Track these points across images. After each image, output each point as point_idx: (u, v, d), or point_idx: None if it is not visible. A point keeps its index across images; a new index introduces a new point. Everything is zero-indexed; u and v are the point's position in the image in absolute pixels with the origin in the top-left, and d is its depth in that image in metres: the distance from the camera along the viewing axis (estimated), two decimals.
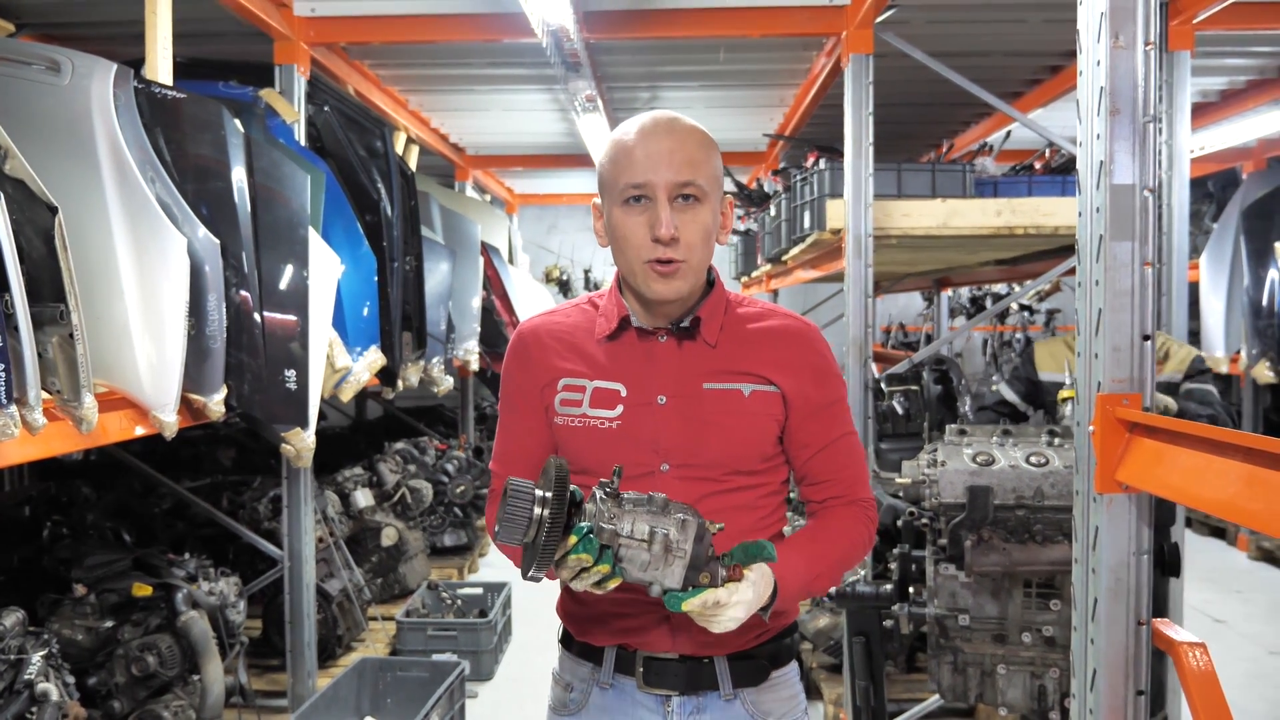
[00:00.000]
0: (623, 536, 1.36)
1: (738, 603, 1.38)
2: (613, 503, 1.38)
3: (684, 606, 1.37)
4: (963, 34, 4.28)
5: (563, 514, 1.34)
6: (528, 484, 1.36)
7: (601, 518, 1.36)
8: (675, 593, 1.37)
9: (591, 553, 1.35)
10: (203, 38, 4.24)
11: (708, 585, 1.38)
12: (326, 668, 4.38)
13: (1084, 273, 1.75)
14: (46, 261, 2.15)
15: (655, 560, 1.36)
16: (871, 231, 3.93)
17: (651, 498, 1.39)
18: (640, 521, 1.37)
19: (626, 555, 1.37)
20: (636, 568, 1.37)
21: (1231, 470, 1.40)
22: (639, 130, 1.53)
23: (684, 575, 1.36)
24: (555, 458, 1.38)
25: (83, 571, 3.24)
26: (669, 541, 1.36)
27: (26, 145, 2.53)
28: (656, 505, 1.38)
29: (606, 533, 1.35)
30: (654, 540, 1.36)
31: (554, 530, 1.33)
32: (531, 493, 1.35)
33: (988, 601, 2.64)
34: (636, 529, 1.36)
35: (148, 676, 3.17)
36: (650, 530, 1.36)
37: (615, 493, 1.38)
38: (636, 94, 5.61)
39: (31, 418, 2.08)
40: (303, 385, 3.00)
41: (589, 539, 1.36)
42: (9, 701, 2.52)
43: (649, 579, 1.38)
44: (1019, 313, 8.85)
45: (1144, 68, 1.65)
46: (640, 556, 1.37)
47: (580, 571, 1.36)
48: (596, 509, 1.37)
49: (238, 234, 2.89)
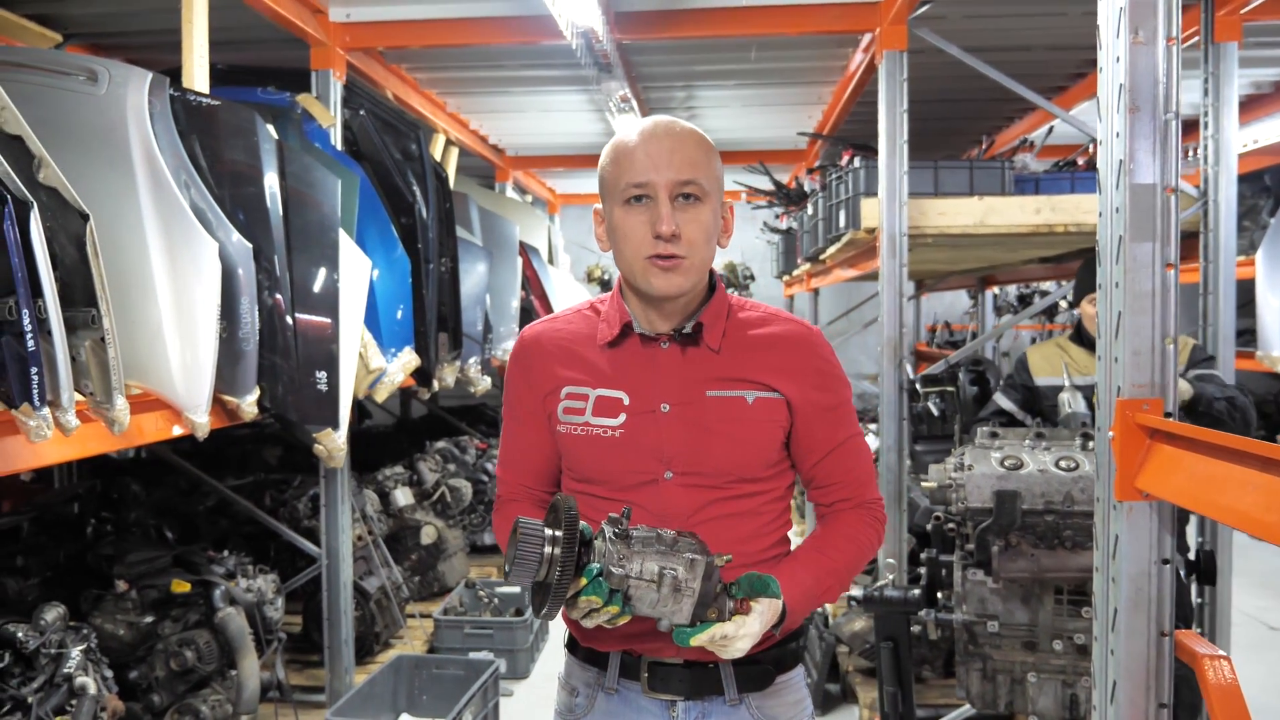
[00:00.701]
0: (632, 578, 1.37)
1: (745, 635, 1.40)
2: (622, 544, 1.38)
3: (692, 642, 1.39)
4: (1001, 28, 4.20)
5: (573, 556, 1.35)
6: (538, 524, 1.36)
7: (611, 559, 1.37)
8: (684, 628, 1.38)
9: (601, 595, 1.36)
10: (243, 44, 4.32)
11: (715, 620, 1.39)
12: (364, 664, 4.45)
13: (1104, 275, 1.71)
14: (79, 267, 2.20)
15: (664, 599, 1.38)
16: (906, 230, 3.89)
17: (660, 535, 1.40)
18: (649, 561, 1.38)
19: (636, 595, 1.38)
20: (646, 605, 1.39)
21: (1252, 480, 1.36)
22: (639, 132, 1.54)
23: (692, 612, 1.38)
24: (563, 496, 1.39)
25: (124, 568, 3.31)
26: (678, 582, 1.37)
27: (66, 153, 2.60)
28: (665, 543, 1.39)
29: (616, 577, 1.37)
30: (663, 582, 1.37)
31: (565, 573, 1.34)
32: (542, 533, 1.36)
33: (1018, 608, 2.59)
34: (645, 569, 1.37)
35: (186, 671, 3.24)
36: (659, 571, 1.37)
37: (625, 533, 1.40)
38: (672, 94, 5.60)
39: (65, 419, 2.14)
40: (333, 386, 3.04)
41: (599, 581, 1.37)
42: (49, 694, 2.59)
43: (658, 614, 1.40)
44: (1068, 310, 8.67)
45: (1165, 64, 1.61)
46: (649, 595, 1.38)
47: (590, 612, 1.37)
48: (606, 549, 1.38)
49: (270, 238, 2.93)
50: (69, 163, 2.59)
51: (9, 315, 1.98)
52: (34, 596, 3.22)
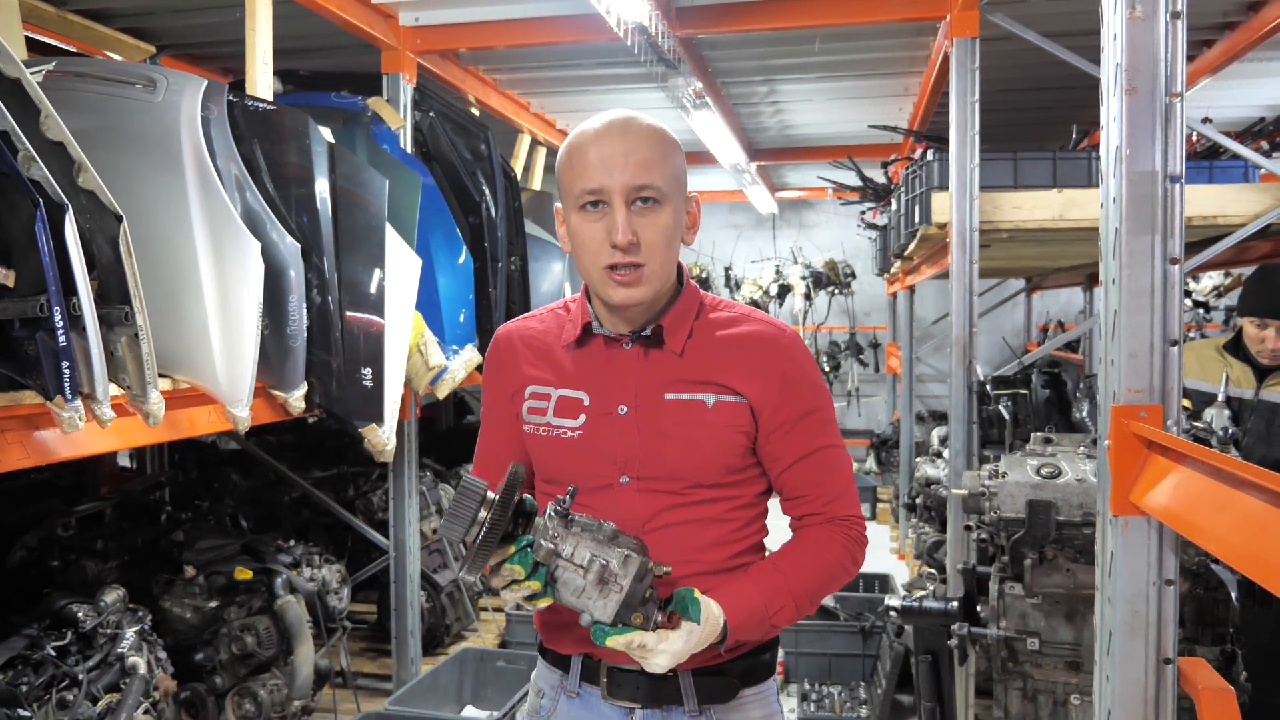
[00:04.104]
0: (561, 558, 1.34)
1: (664, 651, 1.35)
2: (560, 522, 1.36)
3: (608, 643, 1.34)
4: (1083, 11, 3.95)
5: (504, 520, 1.32)
6: (481, 484, 1.35)
7: (544, 534, 1.34)
8: (603, 626, 1.34)
9: (525, 567, 1.34)
10: (320, 52, 4.47)
11: (639, 626, 1.34)
12: (434, 655, 4.54)
13: (1104, 270, 1.58)
14: (115, 267, 2.31)
15: (590, 589, 1.34)
16: (978, 226, 3.71)
17: (602, 525, 1.36)
18: (583, 547, 1.34)
19: (562, 578, 1.35)
20: (570, 592, 1.35)
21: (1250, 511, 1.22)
22: (592, 133, 1.49)
23: (616, 611, 1.33)
24: (515, 464, 1.36)
25: (193, 554, 3.47)
26: (607, 572, 1.33)
27: (122, 158, 2.74)
28: (605, 534, 1.35)
29: (544, 550, 1.34)
30: (591, 568, 1.33)
31: (491, 534, 1.31)
32: (481, 494, 1.34)
33: (1061, 625, 2.43)
34: (577, 554, 1.34)
35: (246, 655, 3.37)
36: (590, 557, 1.33)
37: (565, 513, 1.36)
38: (753, 88, 5.50)
39: (100, 411, 2.24)
40: (378, 383, 3.10)
41: (526, 553, 1.34)
42: (103, 672, 2.74)
43: (580, 606, 1.35)
44: (1193, 310, 8.13)
45: (1167, 41, 1.47)
46: (575, 581, 1.34)
47: (512, 583, 1.35)
48: (543, 524, 1.35)
49: (320, 237, 3.02)
50: (124, 167, 2.72)
51: (41, 312, 2.09)
52: (111, 579, 3.40)
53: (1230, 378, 3.04)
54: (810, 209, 10.76)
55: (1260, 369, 3.12)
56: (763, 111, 6.07)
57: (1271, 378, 3.08)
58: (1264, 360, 3.07)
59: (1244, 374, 3.13)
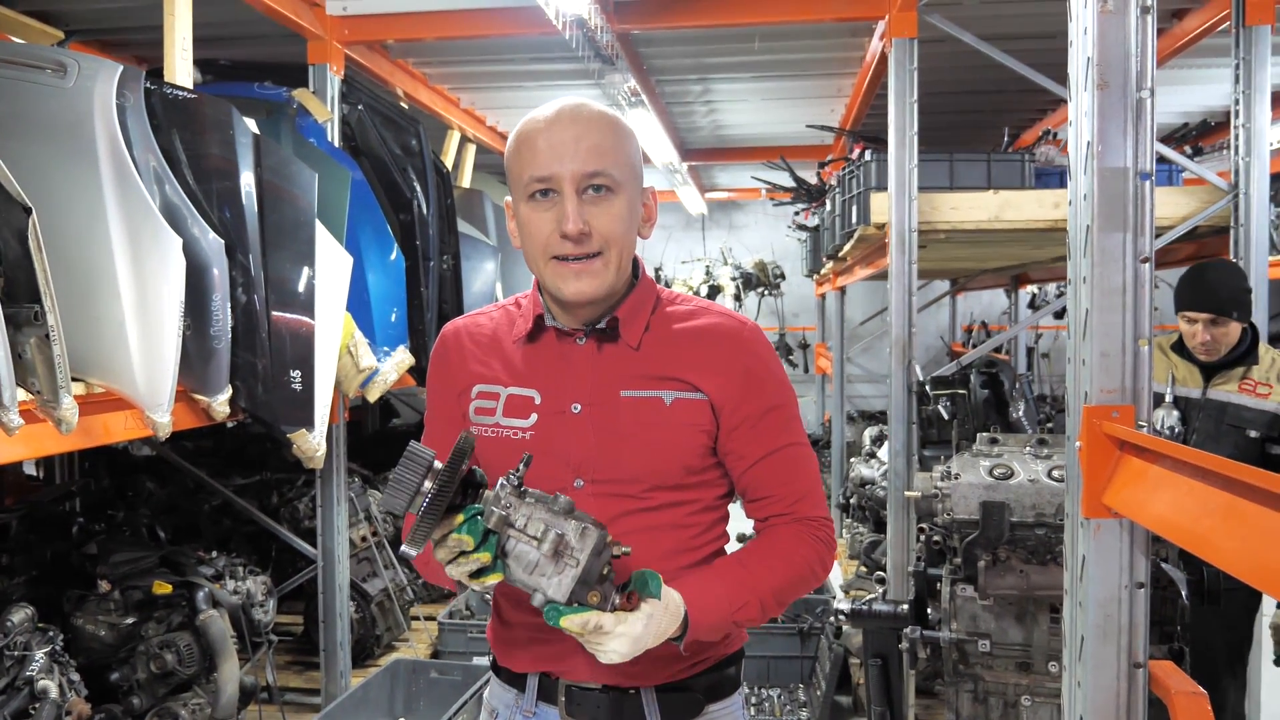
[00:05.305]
0: (513, 528, 1.24)
1: (622, 635, 1.26)
2: (513, 492, 1.26)
3: (563, 623, 1.24)
4: (1021, 15, 4.01)
5: (451, 489, 1.22)
6: (428, 452, 1.24)
7: (495, 503, 1.24)
8: (557, 605, 1.25)
9: (475, 536, 1.23)
10: (242, 40, 4.27)
11: (595, 606, 1.25)
12: (364, 667, 4.39)
13: (1073, 268, 1.55)
14: (23, 263, 2.15)
15: (544, 563, 1.24)
16: (916, 226, 3.73)
17: (557, 498, 1.27)
18: (537, 518, 1.24)
19: (514, 551, 1.25)
20: (522, 567, 1.25)
21: (1232, 509, 1.20)
22: (542, 119, 1.41)
23: (571, 588, 1.23)
24: (466, 432, 1.26)
25: (108, 568, 3.28)
26: (562, 544, 1.23)
27: (31, 148, 2.56)
28: (560, 506, 1.26)
29: (495, 518, 1.23)
30: (545, 540, 1.23)
31: (436, 502, 1.21)
32: (428, 462, 1.23)
33: (1011, 626, 2.43)
34: (531, 525, 1.24)
35: (166, 674, 3.19)
36: (545, 528, 1.23)
37: (519, 484, 1.27)
38: (687, 87, 5.46)
39: (7, 418, 2.08)
40: (308, 386, 2.97)
41: (475, 521, 1.24)
42: (10, 697, 2.55)
43: (533, 584, 1.25)
44: None
45: (1137, 35, 1.45)
46: (528, 555, 1.24)
47: (459, 555, 1.25)
48: (495, 494, 1.25)
49: (245, 233, 2.87)
50: (32, 156, 2.54)
51: None
52: (18, 597, 3.19)
53: (1177, 377, 3.08)
54: (740, 210, 10.80)
55: (1206, 368, 3.14)
56: (696, 111, 6.04)
57: (1218, 376, 3.11)
58: (1200, 355, 3.10)
59: (1190, 373, 3.16)
